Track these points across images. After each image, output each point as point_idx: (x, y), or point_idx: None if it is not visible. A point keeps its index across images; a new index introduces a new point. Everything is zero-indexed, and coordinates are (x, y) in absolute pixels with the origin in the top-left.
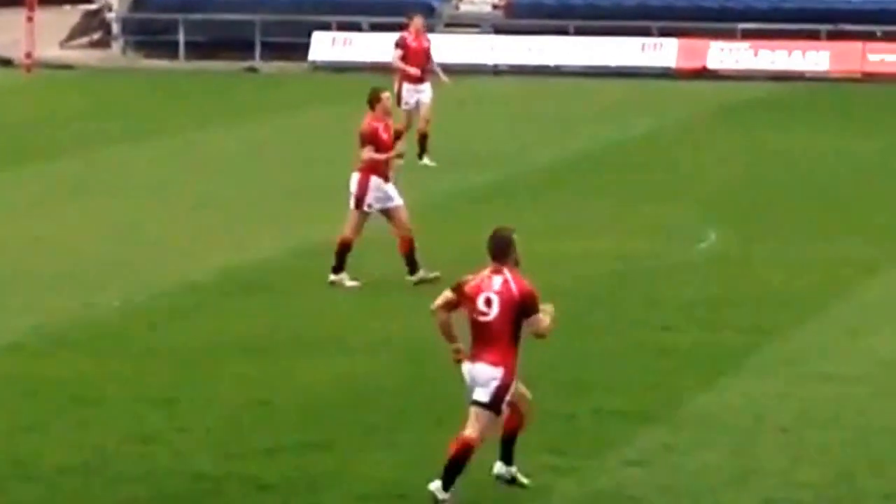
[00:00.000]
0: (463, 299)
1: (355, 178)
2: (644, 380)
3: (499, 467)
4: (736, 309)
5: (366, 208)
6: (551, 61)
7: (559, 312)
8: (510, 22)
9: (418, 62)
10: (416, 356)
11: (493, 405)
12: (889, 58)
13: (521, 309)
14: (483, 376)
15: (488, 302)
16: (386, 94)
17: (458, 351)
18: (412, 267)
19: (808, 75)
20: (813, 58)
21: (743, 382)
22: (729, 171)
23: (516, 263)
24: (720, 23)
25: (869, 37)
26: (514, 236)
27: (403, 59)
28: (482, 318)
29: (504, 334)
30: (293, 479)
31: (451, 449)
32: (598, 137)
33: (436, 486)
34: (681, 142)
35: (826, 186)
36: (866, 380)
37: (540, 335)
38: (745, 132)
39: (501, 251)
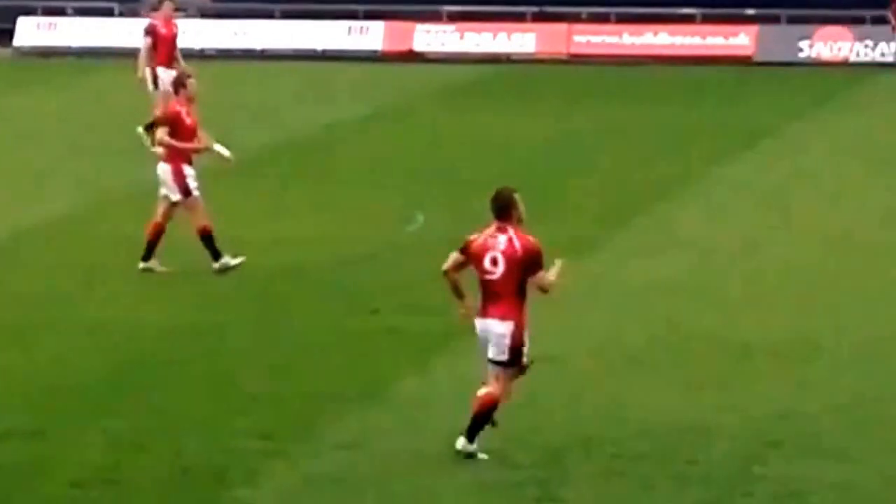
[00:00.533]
0: (470, 259)
1: (166, 168)
2: (352, 363)
3: (461, 443)
4: (443, 291)
5: (195, 193)
6: (258, 45)
7: (264, 299)
8: (216, 6)
9: (168, 49)
10: (129, 341)
11: (512, 362)
12: (594, 39)
13: (525, 266)
14: (494, 332)
15: (494, 261)
16: (191, 80)
17: (468, 307)
18: (215, 253)
19: (514, 57)
20: (519, 40)
21: (452, 364)
22: (439, 154)
23: (519, 221)
24: (426, 5)
25: (574, 18)
26: (516, 195)
27: (154, 46)
28: (489, 277)
29: (511, 290)
30: (3, 466)
31: (475, 406)
32: (306, 122)
33: (461, 443)
34: (389, 125)
35: (534, 168)
36: (576, 361)
37: (544, 290)
38: (454, 115)
39: (504, 210)
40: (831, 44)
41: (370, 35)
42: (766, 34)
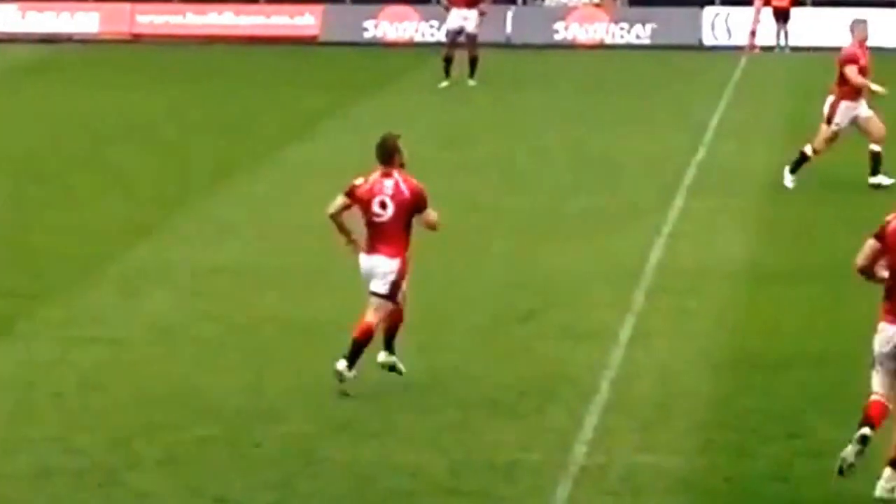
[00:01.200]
0: (356, 202)
1: None
2: None
3: (382, 356)
4: (3, 274)
5: None
6: None
7: None
8: None
9: None
10: None
11: (392, 295)
12: (158, 19)
13: (413, 207)
14: (381, 269)
15: (383, 204)
16: None
17: (354, 242)
18: None
19: (77, 37)
20: (82, 19)
21: (14, 349)
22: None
23: (402, 165)
24: None
25: None
26: (399, 141)
27: None
28: (378, 220)
29: (398, 231)
30: None
31: (356, 332)
32: None
33: (342, 364)
34: None
35: (101, 150)
36: (140, 344)
37: (431, 227)
38: (12, 97)
39: (389, 156)
40: (397, 24)
41: None
42: (331, 14)
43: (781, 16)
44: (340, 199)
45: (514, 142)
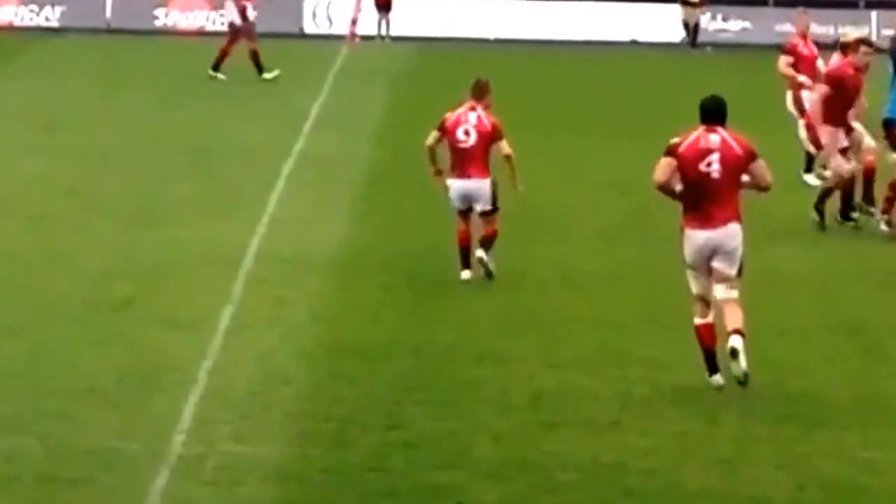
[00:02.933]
0: (445, 134)
1: None
2: None
3: (480, 252)
4: None
5: None
6: None
7: None
8: None
9: None
10: None
11: (496, 208)
12: None
13: (491, 138)
14: (479, 190)
15: (467, 133)
16: None
17: (440, 171)
18: None
19: None
20: None
21: None
22: None
23: (487, 107)
24: None
25: None
26: (491, 84)
27: None
28: (462, 145)
29: (482, 155)
30: None
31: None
32: None
33: (466, 274)
34: None
35: None
36: None
37: (507, 156)
38: None
39: (480, 92)
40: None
41: None
42: None
43: (383, 6)
44: (434, 133)
45: (117, 129)
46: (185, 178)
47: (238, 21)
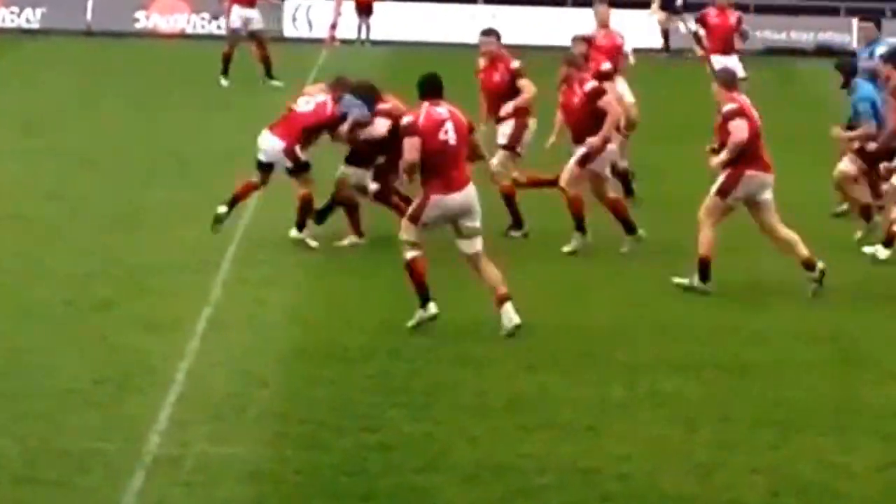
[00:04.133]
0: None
1: None
2: None
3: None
4: None
5: None
6: None
7: None
8: None
9: None
10: None
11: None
12: None
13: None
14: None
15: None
16: None
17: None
18: None
19: None
20: None
21: None
22: None
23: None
24: None
25: None
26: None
27: None
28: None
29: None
30: None
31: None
32: None
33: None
34: None
35: None
36: None
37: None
38: None
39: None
40: None
41: None
42: None
43: (364, 10)
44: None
45: (96, 131)
46: (164, 180)
47: (261, 26)
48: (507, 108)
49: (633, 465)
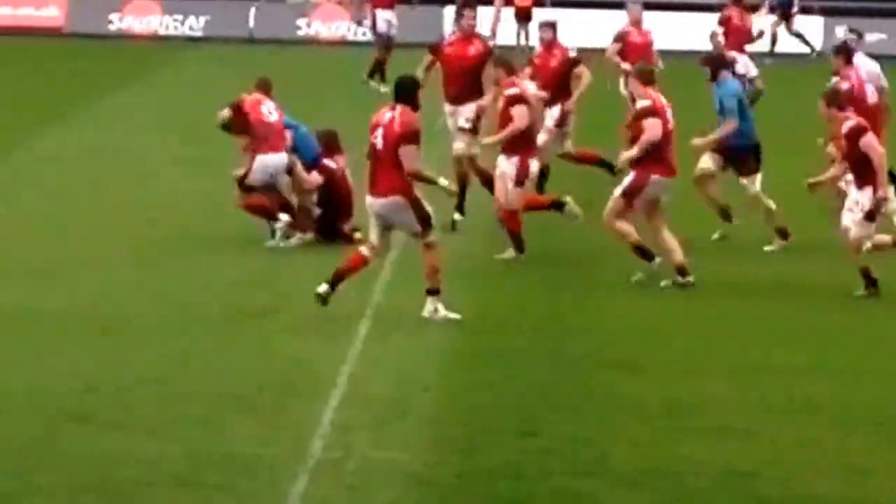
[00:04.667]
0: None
1: None
2: None
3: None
4: None
5: None
6: None
7: None
8: None
9: None
10: None
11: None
12: None
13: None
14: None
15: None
16: None
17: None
18: None
19: None
20: None
21: None
22: None
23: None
24: None
25: None
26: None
27: None
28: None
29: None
30: None
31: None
32: None
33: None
34: None
35: None
36: None
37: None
38: None
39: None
40: (140, 17)
41: None
42: (76, 6)
43: (522, 16)
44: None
45: None
46: None
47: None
48: (573, 98)
49: (789, 469)
